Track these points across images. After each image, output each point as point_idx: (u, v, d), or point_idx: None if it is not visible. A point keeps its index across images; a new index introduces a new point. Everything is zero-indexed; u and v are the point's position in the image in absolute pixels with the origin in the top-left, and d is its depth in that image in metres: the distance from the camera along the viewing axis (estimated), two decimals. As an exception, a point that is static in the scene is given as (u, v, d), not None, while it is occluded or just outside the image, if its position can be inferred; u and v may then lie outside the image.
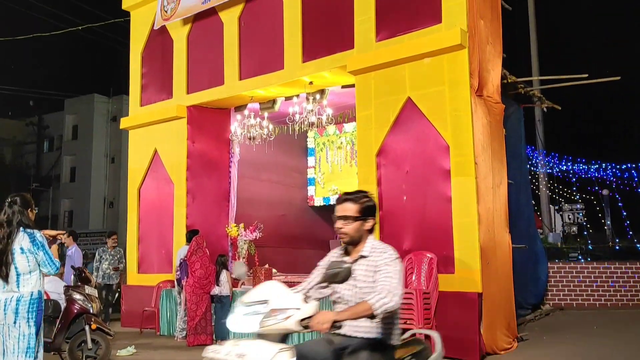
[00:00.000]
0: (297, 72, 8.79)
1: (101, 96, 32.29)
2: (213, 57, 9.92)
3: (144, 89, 11.00)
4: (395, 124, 7.51)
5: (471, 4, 7.13)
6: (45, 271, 4.11)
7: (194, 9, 9.72)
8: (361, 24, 7.98)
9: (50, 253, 4.08)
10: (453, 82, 6.99)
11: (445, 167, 6.97)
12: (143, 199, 10.72)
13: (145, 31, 10.94)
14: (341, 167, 13.41)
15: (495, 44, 7.84)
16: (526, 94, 10.01)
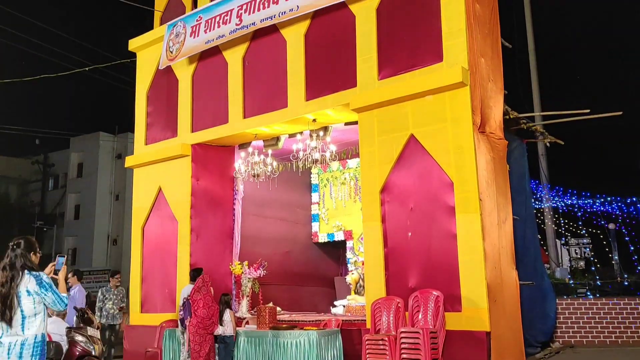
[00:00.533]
0: (300, 110, 8.88)
1: (106, 134, 32.59)
2: (217, 95, 10.05)
3: (149, 127, 11.11)
4: (398, 160, 7.54)
5: (471, 42, 7.24)
6: (56, 310, 4.12)
7: (198, 49, 9.90)
8: (363, 62, 8.10)
9: (58, 292, 4.07)
10: (455, 119, 7.05)
11: (450, 204, 6.96)
12: (147, 238, 10.70)
13: (151, 71, 11.12)
14: (345, 203, 13.38)
15: (497, 81, 7.92)
16: (529, 130, 10.07)
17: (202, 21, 9.82)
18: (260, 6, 8.92)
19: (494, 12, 8.16)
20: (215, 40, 9.57)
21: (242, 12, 9.16)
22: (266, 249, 11.32)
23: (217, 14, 9.59)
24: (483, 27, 7.69)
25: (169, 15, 11.07)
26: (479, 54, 7.40)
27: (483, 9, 7.74)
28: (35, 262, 4.13)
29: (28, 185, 35.63)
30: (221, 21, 9.48)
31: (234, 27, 9.28)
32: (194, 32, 9.90)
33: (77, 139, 33.11)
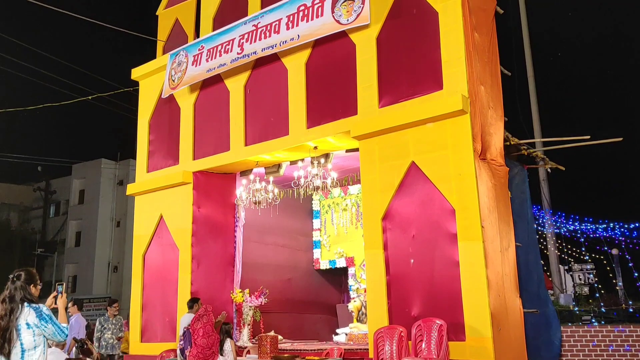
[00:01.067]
0: (301, 138, 8.92)
1: (108, 161, 32.71)
2: (219, 123, 10.11)
3: (150, 155, 11.15)
4: (400, 187, 7.54)
5: (471, 70, 7.31)
6: (56, 340, 4.11)
7: (200, 77, 9.99)
8: (364, 90, 8.16)
9: (59, 323, 4.04)
10: (456, 147, 7.07)
11: (452, 231, 6.93)
12: (147, 266, 10.64)
13: (153, 100, 11.21)
14: (347, 230, 13.34)
15: (497, 108, 7.97)
16: (529, 155, 10.07)
17: (204, 50, 9.94)
18: (262, 35, 9.03)
19: (493, 41, 8.25)
20: (216, 68, 9.67)
21: (244, 41, 9.27)
22: (267, 276, 11.25)
23: (219, 43, 9.71)
24: (482, 55, 7.76)
25: (171, 45, 11.21)
26: (478, 82, 7.45)
27: (482, 37, 7.83)
28: (36, 295, 4.11)
29: (29, 212, 35.61)
30: (223, 50, 9.59)
31: (235, 56, 9.38)
32: (196, 61, 10.01)
33: (79, 165, 33.24)
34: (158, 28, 11.84)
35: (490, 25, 8.23)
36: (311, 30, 8.40)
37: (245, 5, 10.27)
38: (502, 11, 8.88)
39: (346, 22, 7.95)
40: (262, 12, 9.29)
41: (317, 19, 8.32)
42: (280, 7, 8.97)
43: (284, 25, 8.74)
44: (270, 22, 8.98)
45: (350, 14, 7.89)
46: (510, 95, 9.47)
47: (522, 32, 14.27)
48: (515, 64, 12.45)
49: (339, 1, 8.08)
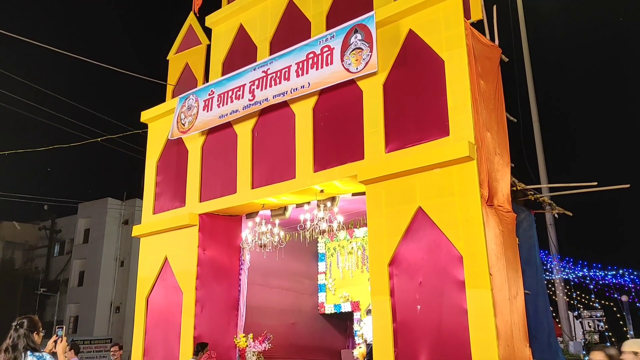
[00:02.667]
0: (308, 181, 8.94)
1: (114, 200, 32.81)
2: (226, 166, 10.17)
3: (157, 197, 11.18)
4: (406, 233, 7.50)
5: (477, 117, 7.37)
6: None
7: (211, 123, 10.11)
8: (371, 135, 8.22)
9: None
10: (463, 193, 7.06)
11: (460, 278, 6.85)
12: (151, 308, 10.52)
13: (162, 142, 11.32)
14: (352, 273, 13.23)
15: (503, 154, 8.00)
16: (536, 201, 10.05)
17: (214, 95, 10.10)
18: (272, 82, 9.18)
19: (499, 88, 8.35)
20: (229, 115, 9.80)
21: (255, 87, 9.43)
22: (271, 320, 11.10)
23: (230, 88, 9.86)
24: (488, 102, 7.85)
25: (181, 88, 11.40)
26: (484, 129, 7.51)
27: (488, 85, 7.93)
28: (38, 342, 4.07)
29: (34, 251, 35.53)
30: (234, 96, 9.74)
31: (247, 103, 9.52)
32: (207, 106, 10.15)
33: (85, 204, 33.34)
34: (168, 72, 12.07)
35: (495, 73, 8.36)
36: (322, 78, 8.54)
37: (254, 51, 10.50)
38: (507, 59, 9.02)
39: (355, 71, 8.09)
40: (271, 59, 9.47)
41: (327, 67, 8.47)
42: (289, 54, 9.15)
43: (293, 72, 8.90)
44: (280, 68, 9.15)
45: (359, 62, 8.03)
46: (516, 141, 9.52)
47: (527, 79, 14.48)
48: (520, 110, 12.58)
49: (348, 50, 8.25)
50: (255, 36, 10.69)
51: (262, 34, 10.59)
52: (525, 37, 14.94)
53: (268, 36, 10.45)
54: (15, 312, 29.43)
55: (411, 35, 8.12)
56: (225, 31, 11.31)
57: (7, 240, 34.59)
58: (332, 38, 8.60)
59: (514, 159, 8.55)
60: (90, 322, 30.64)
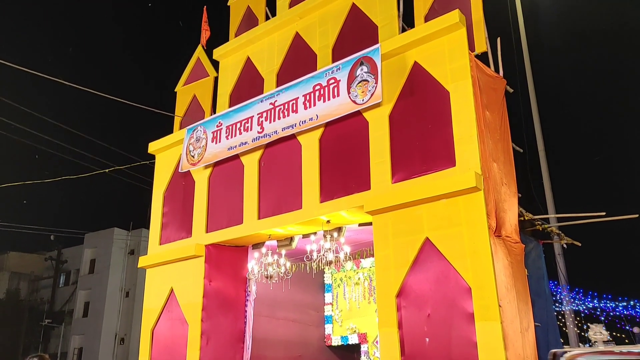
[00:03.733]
0: (314, 212, 8.93)
1: (121, 230, 32.85)
2: (233, 197, 10.19)
3: (164, 228, 11.19)
4: (414, 264, 7.45)
5: (484, 148, 7.39)
6: None
7: (221, 155, 10.17)
8: (377, 166, 8.24)
9: None
10: (471, 223, 7.03)
11: (469, 310, 6.76)
12: (156, 341, 10.41)
13: (169, 173, 11.39)
14: (359, 304, 13.08)
15: (510, 185, 7.98)
16: (544, 231, 9.99)
17: (222, 127, 10.19)
18: (280, 115, 9.28)
19: (504, 118, 8.39)
20: (238, 147, 9.87)
21: (263, 120, 9.52)
22: (277, 353, 10.96)
23: (238, 120, 9.96)
24: (494, 132, 7.88)
25: (188, 120, 11.52)
26: (491, 159, 7.52)
27: (493, 115, 7.97)
28: None
29: (39, 281, 35.46)
30: (242, 128, 9.83)
31: (256, 135, 9.61)
32: (215, 138, 10.24)
33: (91, 235, 33.38)
34: (176, 104, 12.22)
35: (500, 103, 8.41)
36: (329, 110, 8.62)
37: (261, 83, 10.63)
38: (511, 90, 9.09)
39: (362, 102, 8.17)
40: (278, 90, 9.58)
41: (333, 99, 8.56)
42: (296, 86, 9.26)
43: (301, 104, 9.00)
44: (287, 100, 9.25)
45: (365, 94, 8.12)
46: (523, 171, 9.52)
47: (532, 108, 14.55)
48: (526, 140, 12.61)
49: (354, 82, 8.34)
50: (262, 68, 10.84)
51: (269, 66, 10.73)
52: (529, 68, 15.08)
53: (275, 68, 10.60)
54: (19, 344, 29.20)
55: (416, 67, 8.21)
56: (232, 63, 11.48)
57: (13, 270, 34.59)
58: (338, 70, 8.72)
59: (521, 189, 8.54)
60: (94, 353, 30.33)
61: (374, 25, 9.28)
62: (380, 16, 9.23)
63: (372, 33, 9.23)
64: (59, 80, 9.32)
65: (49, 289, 34.59)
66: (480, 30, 8.25)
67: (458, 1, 8.46)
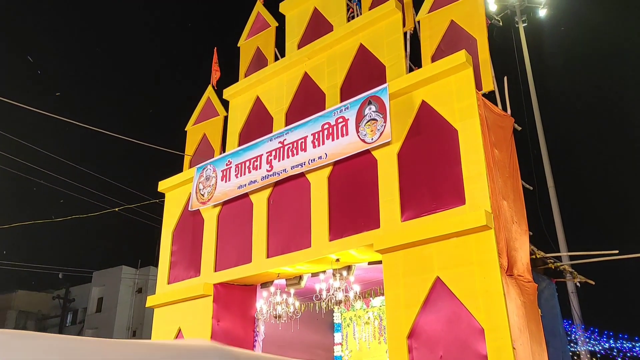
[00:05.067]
0: (324, 250, 8.88)
1: (129, 268, 32.73)
2: (242, 235, 10.17)
3: (172, 267, 11.15)
4: (425, 304, 7.34)
5: (493, 186, 7.37)
6: None
7: (230, 194, 10.22)
8: (386, 204, 8.22)
9: None
10: (482, 262, 6.95)
11: (482, 352, 6.61)
12: (163, 382, 10.22)
13: (178, 211, 11.42)
14: (369, 344, 12.83)
15: (521, 223, 7.92)
16: (557, 269, 9.85)
17: (231, 165, 10.26)
18: (289, 153, 9.34)
19: (513, 156, 8.40)
20: (247, 185, 9.92)
21: (272, 158, 9.59)
22: (287, 395, 10.70)
23: (247, 159, 10.03)
24: (503, 170, 7.87)
25: (198, 158, 11.61)
26: (501, 197, 7.49)
27: (502, 153, 7.98)
28: None
29: (47, 320, 35.19)
30: (251, 166, 9.90)
31: (265, 173, 9.66)
32: (225, 176, 10.30)
33: (99, 273, 33.28)
34: (186, 142, 12.34)
35: (509, 141, 8.43)
36: (338, 149, 8.68)
37: (271, 122, 10.75)
38: (519, 128, 9.12)
39: (371, 141, 8.23)
40: (287, 129, 9.67)
41: (342, 138, 8.63)
42: (305, 124, 9.35)
43: (310, 143, 9.07)
44: (296, 139, 9.33)
45: (374, 133, 8.18)
46: (533, 208, 9.46)
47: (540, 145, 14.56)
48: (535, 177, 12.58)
49: (363, 121, 8.42)
50: (272, 107, 10.98)
51: (278, 105, 10.87)
52: (536, 106, 15.17)
53: (284, 107, 10.73)
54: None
55: (424, 105, 8.28)
56: (242, 103, 11.64)
57: (20, 309, 34.42)
58: (347, 109, 8.81)
59: (532, 227, 8.47)
60: (100, 394, 29.80)
61: (382, 65, 9.42)
62: (388, 56, 9.38)
63: (379, 73, 9.37)
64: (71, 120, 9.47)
65: (56, 328, 34.28)
66: (487, 69, 8.34)
67: (464, 41, 8.59)
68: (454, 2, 8.97)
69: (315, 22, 11.07)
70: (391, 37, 9.45)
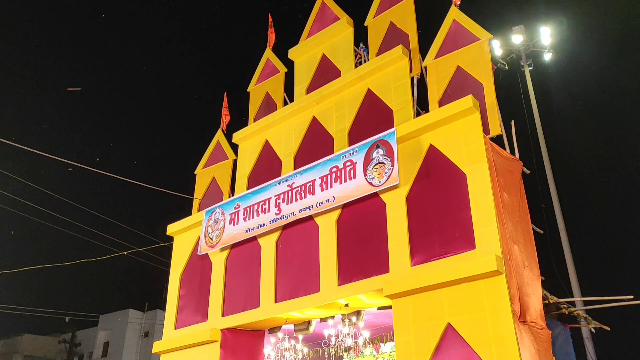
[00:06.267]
0: (332, 295, 8.77)
1: (136, 311, 32.40)
2: (250, 279, 10.08)
3: (179, 311, 11.03)
4: (436, 351, 7.18)
5: (503, 230, 7.30)
6: None
7: (239, 237, 10.20)
8: (395, 248, 8.16)
9: None
10: (494, 308, 6.82)
11: (496, 403, 6.41)
12: None
13: (186, 255, 11.38)
14: (379, 392, 12.50)
15: (532, 267, 7.81)
16: (570, 314, 9.64)
17: (240, 209, 10.28)
18: (297, 196, 9.37)
19: (522, 200, 8.35)
20: (255, 229, 9.92)
21: (280, 201, 9.61)
22: None
23: (255, 202, 10.06)
24: (513, 214, 7.82)
25: (207, 202, 11.65)
26: (511, 241, 7.41)
27: (511, 197, 7.94)
28: None
29: (52, 365, 34.67)
30: (260, 210, 9.91)
31: (273, 217, 9.66)
32: (233, 220, 10.31)
33: (106, 316, 32.95)
34: (195, 186, 12.41)
35: (518, 185, 8.40)
36: (346, 192, 8.70)
37: (279, 166, 10.82)
38: (528, 171, 9.11)
39: (378, 184, 8.25)
40: (296, 173, 9.72)
41: (350, 181, 8.66)
42: (313, 168, 9.40)
43: (318, 186, 9.11)
44: (305, 182, 9.37)
45: (382, 176, 8.20)
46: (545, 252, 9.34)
47: (550, 188, 14.50)
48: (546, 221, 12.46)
49: (370, 164, 8.46)
50: (280, 151, 11.07)
51: (286, 149, 10.96)
52: (545, 148, 15.18)
53: (292, 151, 10.81)
54: None
55: (432, 149, 8.32)
56: (251, 146, 11.75)
57: (26, 354, 33.99)
58: (355, 153, 8.86)
59: (544, 271, 8.34)
60: None
61: (389, 109, 9.51)
62: (395, 101, 9.48)
63: (387, 117, 9.46)
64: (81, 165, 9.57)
65: (61, 374, 33.74)
66: (494, 113, 8.40)
67: (471, 86, 8.69)
68: (460, 49, 9.13)
69: (323, 67, 11.27)
70: (398, 82, 9.58)
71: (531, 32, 17.87)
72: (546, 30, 17.61)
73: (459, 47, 9.17)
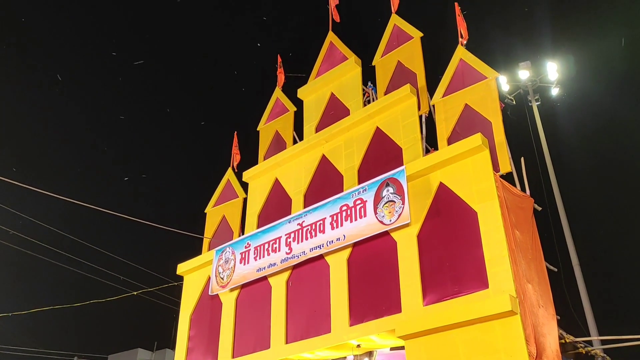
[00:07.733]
0: (344, 336, 8.63)
1: (145, 351, 32.03)
2: (260, 320, 9.97)
3: (189, 352, 10.89)
4: (451, 394, 6.99)
5: (516, 269, 7.21)
6: None
7: (249, 277, 10.14)
8: (407, 287, 8.06)
9: None
10: (509, 350, 6.67)
11: None
12: None
13: (196, 294, 11.30)
14: None
15: (547, 307, 7.68)
16: (588, 354, 9.41)
17: (250, 248, 10.25)
18: (308, 235, 9.34)
19: (535, 237, 8.27)
20: (266, 268, 9.87)
21: (291, 240, 9.59)
22: None
23: (266, 241, 10.04)
24: (526, 252, 7.73)
25: (217, 241, 11.62)
26: (525, 280, 7.31)
27: (523, 235, 7.87)
28: None
29: (58, 407, 34.14)
30: (270, 249, 9.88)
31: (284, 256, 9.63)
32: (243, 259, 10.28)
33: (115, 356, 32.58)
34: (205, 225, 12.42)
35: (530, 222, 8.34)
36: (356, 230, 8.67)
37: (289, 204, 10.82)
38: (539, 208, 9.04)
39: (389, 223, 8.22)
40: (306, 211, 9.72)
41: (360, 220, 8.64)
42: (323, 206, 9.40)
43: (328, 225, 9.09)
44: (315, 221, 9.36)
45: (393, 215, 8.18)
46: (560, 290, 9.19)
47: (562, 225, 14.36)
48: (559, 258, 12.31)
49: (381, 203, 8.45)
50: (290, 189, 11.09)
51: (296, 187, 10.98)
52: (556, 184, 15.10)
53: (302, 189, 10.83)
54: None
55: (442, 187, 8.30)
56: (261, 185, 11.79)
57: (32, 396, 33.51)
58: (365, 191, 8.87)
59: (560, 310, 8.18)
60: None
61: (398, 147, 9.55)
62: (404, 139, 9.53)
63: (396, 155, 9.49)
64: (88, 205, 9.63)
65: (67, 416, 33.18)
66: (503, 151, 8.40)
67: (479, 124, 8.72)
68: (468, 87, 9.21)
69: (332, 106, 11.39)
70: (407, 121, 9.65)
71: (538, 67, 18.04)
72: (553, 65, 17.75)
73: (467, 85, 9.25)
